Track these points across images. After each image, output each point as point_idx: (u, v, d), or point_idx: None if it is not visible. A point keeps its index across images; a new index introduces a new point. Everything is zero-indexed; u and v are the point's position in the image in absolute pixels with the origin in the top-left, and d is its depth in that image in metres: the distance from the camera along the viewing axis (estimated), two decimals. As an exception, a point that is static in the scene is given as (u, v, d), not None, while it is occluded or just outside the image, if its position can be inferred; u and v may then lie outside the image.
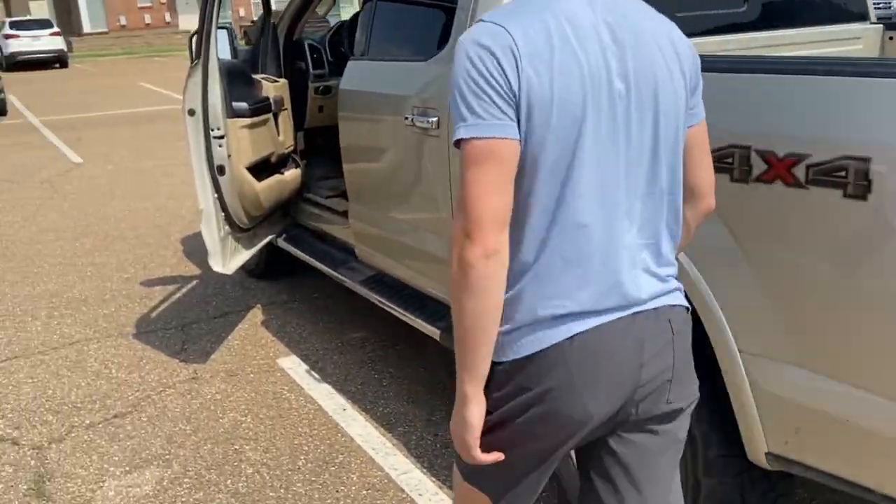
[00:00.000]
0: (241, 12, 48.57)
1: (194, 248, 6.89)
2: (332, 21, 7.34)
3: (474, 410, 1.65)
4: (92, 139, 13.29)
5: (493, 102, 1.55)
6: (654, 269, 1.72)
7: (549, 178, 1.60)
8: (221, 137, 4.30)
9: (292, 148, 5.18)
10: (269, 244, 5.29)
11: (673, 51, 1.69)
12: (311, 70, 5.37)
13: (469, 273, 1.55)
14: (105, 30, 45.82)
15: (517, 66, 1.55)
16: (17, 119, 16.45)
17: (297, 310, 5.40)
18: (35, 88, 23.44)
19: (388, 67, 3.90)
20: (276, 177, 4.82)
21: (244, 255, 4.74)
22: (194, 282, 6.07)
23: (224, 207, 4.41)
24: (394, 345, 4.77)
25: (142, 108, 17.37)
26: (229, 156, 4.36)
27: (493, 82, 1.55)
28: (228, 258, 4.51)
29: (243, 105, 4.48)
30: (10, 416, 4.20)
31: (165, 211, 8.25)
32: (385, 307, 4.03)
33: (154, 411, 4.18)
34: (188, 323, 5.28)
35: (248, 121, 4.49)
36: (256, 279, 5.98)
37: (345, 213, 4.52)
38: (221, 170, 4.33)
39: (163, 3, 47.32)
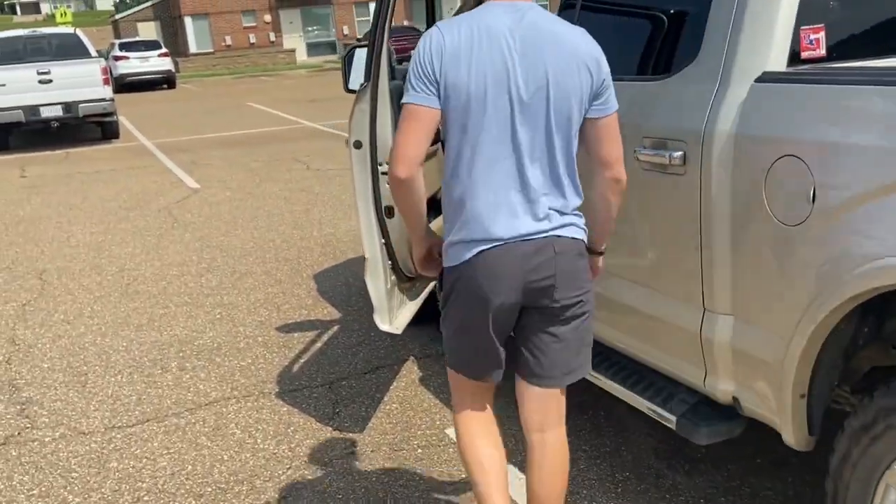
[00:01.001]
0: (346, 30, 48.67)
1: (329, 286, 6.30)
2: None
3: (416, 249, 2.71)
4: (207, 162, 12.94)
5: (424, 82, 2.34)
6: (539, 214, 2.40)
7: (462, 143, 2.38)
8: None
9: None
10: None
11: (574, 55, 2.35)
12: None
13: (392, 188, 2.48)
14: (211, 50, 46.33)
15: (441, 61, 2.32)
16: (130, 142, 16.27)
17: (457, 365, 4.73)
18: (145, 110, 23.47)
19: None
20: None
21: (411, 309, 4.09)
22: (335, 327, 5.46)
23: (392, 255, 3.77)
24: (587, 411, 4.04)
25: (253, 129, 17.06)
26: None
27: (426, 69, 2.33)
28: (395, 314, 3.86)
29: None
30: (146, 499, 3.61)
31: (292, 243, 7.70)
32: (599, 384, 3.33)
33: (312, 496, 3.54)
34: (336, 380, 4.65)
35: None
36: (416, 330, 5.33)
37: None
38: (390, 211, 3.69)
39: (267, 23, 47.67)
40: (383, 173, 3.63)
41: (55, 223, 9.29)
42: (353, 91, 4.27)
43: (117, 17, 51.16)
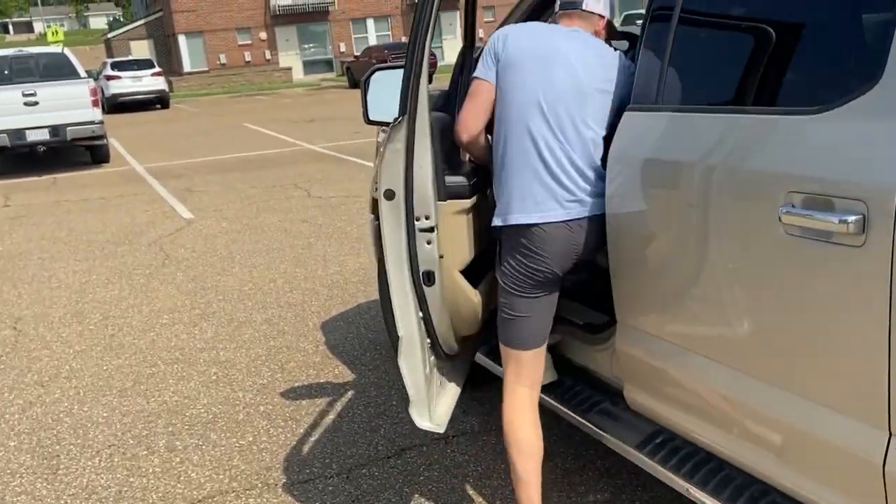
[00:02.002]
0: (342, 47, 48.09)
1: (339, 338, 5.56)
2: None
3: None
4: (201, 189, 12.21)
5: (488, 64, 2.89)
6: (563, 196, 2.80)
7: (508, 124, 2.85)
8: (431, 230, 2.93)
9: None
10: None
11: (584, 63, 2.83)
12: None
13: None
14: (205, 68, 45.71)
15: (503, 49, 2.86)
16: (121, 166, 15.54)
17: (496, 447, 3.98)
18: (137, 131, 22.76)
19: (720, 123, 2.47)
20: (493, 276, 3.43)
21: (452, 394, 3.35)
22: (349, 393, 4.72)
23: (431, 331, 3.04)
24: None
25: (249, 151, 16.34)
26: (441, 256, 2.99)
27: (492, 55, 2.88)
28: (434, 403, 3.12)
29: (460, 180, 3.11)
30: None
31: (295, 284, 6.96)
32: (676, 486, 2.60)
33: None
34: (354, 466, 3.91)
35: (467, 203, 3.13)
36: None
37: (601, 329, 3.13)
38: (430, 277, 2.96)
39: (263, 41, 47.07)
40: (422, 230, 2.90)
41: (37, 259, 8.55)
42: (375, 123, 3.55)
43: (110, 35, 50.50)
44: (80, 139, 15.02)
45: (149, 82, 32.18)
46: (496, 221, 2.93)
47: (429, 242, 2.93)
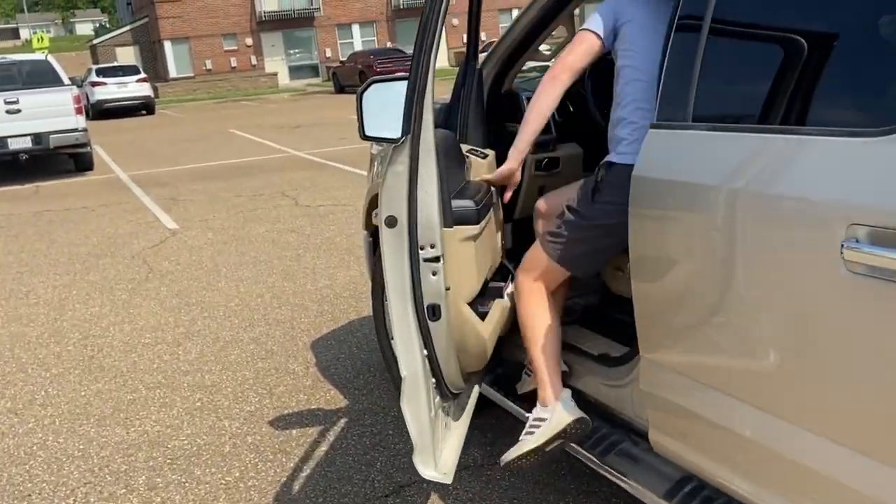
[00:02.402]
0: (328, 53, 47.81)
1: (331, 359, 5.28)
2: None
3: (513, 161, 3.17)
4: (186, 198, 11.91)
5: (602, 19, 2.96)
6: None
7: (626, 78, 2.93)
8: (437, 260, 2.66)
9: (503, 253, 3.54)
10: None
11: None
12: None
13: (545, 82, 3.05)
14: (191, 74, 45.39)
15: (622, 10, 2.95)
16: (105, 174, 15.22)
17: (501, 482, 3.70)
18: (122, 138, 22.42)
19: (764, 144, 2.20)
20: (500, 304, 3.16)
21: (458, 436, 3.07)
22: (342, 421, 4.44)
23: (437, 370, 2.76)
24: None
25: (235, 158, 16.03)
26: (448, 289, 2.71)
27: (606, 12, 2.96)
28: (440, 448, 2.84)
29: (467, 204, 2.84)
30: None
31: (284, 299, 6.68)
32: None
33: None
34: (349, 505, 3.63)
35: (475, 229, 2.85)
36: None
37: (620, 362, 2.86)
38: (434, 311, 2.69)
39: (248, 47, 46.78)
40: (426, 260, 2.63)
41: (15, 273, 8.24)
42: (372, 139, 3.27)
43: (95, 41, 50.09)
44: (64, 147, 14.72)
45: (134, 88, 31.88)
46: (622, 159, 2.83)
47: (434, 273, 2.66)
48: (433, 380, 2.78)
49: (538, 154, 3.73)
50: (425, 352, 2.72)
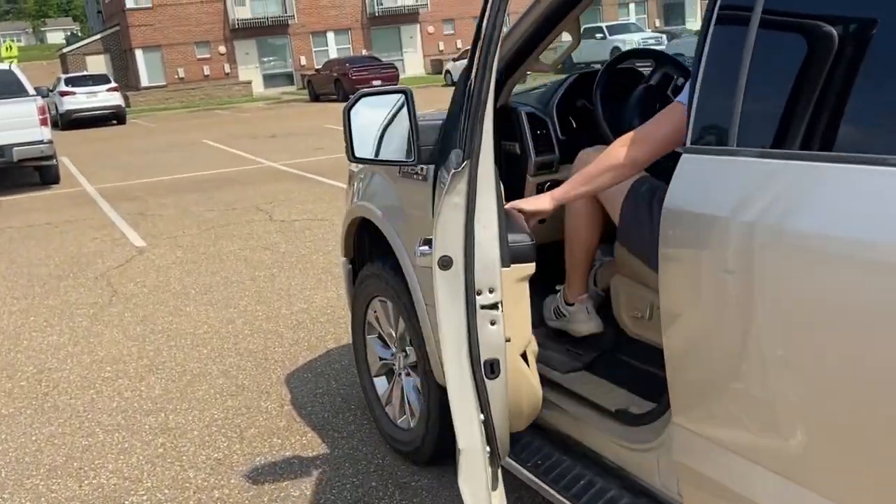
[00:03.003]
0: (303, 61, 47.34)
1: (307, 395, 4.84)
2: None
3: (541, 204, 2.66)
4: (155, 212, 11.42)
5: None
6: None
7: None
8: (495, 307, 2.24)
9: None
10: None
11: None
12: (531, 155, 3.31)
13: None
14: (163, 83, 44.76)
15: None
16: (71, 187, 14.69)
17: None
18: (91, 149, 21.85)
19: (836, 175, 1.77)
20: (531, 351, 2.72)
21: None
22: (319, 471, 3.99)
23: (491, 437, 2.34)
24: None
25: (208, 170, 15.55)
26: (508, 340, 2.30)
27: None
28: None
29: (524, 238, 2.41)
30: None
31: (256, 325, 6.22)
32: None
33: None
34: (329, 576, 3.18)
35: (532, 267, 2.42)
36: (419, 468, 3.90)
37: (643, 421, 2.44)
38: (493, 368, 2.27)
39: (222, 55, 46.22)
40: (484, 307, 2.20)
41: (-31, 298, 7.74)
42: (363, 161, 2.87)
43: (65, 50, 49.35)
44: (28, 160, 14.20)
45: (104, 98, 31.23)
46: None
47: (493, 323, 2.23)
48: (488, 448, 2.36)
49: (539, 176, 3.32)
50: (482, 417, 2.29)
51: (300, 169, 14.49)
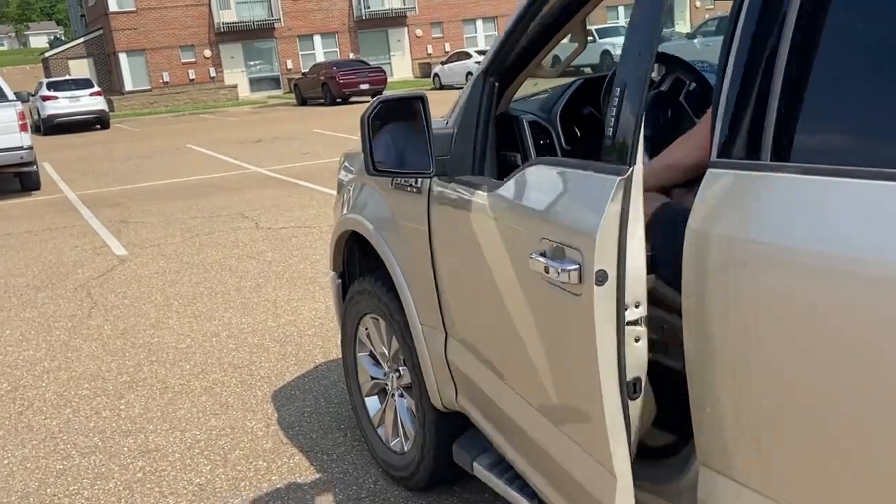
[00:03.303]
0: (290, 64, 47.09)
1: (295, 414, 4.62)
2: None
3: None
4: (138, 220, 11.18)
5: None
6: None
7: None
8: (638, 322, 2.05)
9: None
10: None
11: None
12: (533, 164, 3.09)
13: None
14: (148, 87, 44.41)
15: None
16: (52, 194, 14.43)
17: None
18: (73, 154, 21.55)
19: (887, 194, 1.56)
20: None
21: None
22: (306, 497, 3.77)
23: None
24: None
25: (193, 175, 15.30)
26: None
27: None
28: None
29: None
30: None
31: (242, 339, 5.99)
32: None
33: None
34: None
35: (653, 278, 2.24)
36: (414, 494, 3.68)
37: (662, 454, 2.23)
38: (636, 387, 2.07)
39: (207, 59, 45.90)
40: (630, 323, 2.00)
41: (-56, 310, 7.48)
42: (385, 173, 2.65)
43: (48, 54, 48.93)
44: (7, 166, 13.94)
45: (87, 102, 30.85)
46: None
47: (637, 339, 2.04)
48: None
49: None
50: (629, 440, 2.09)
51: (287, 174, 14.26)
